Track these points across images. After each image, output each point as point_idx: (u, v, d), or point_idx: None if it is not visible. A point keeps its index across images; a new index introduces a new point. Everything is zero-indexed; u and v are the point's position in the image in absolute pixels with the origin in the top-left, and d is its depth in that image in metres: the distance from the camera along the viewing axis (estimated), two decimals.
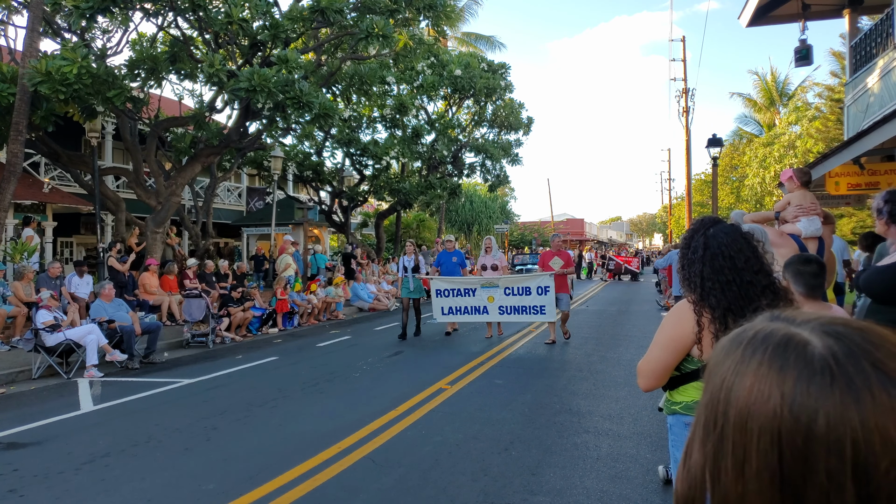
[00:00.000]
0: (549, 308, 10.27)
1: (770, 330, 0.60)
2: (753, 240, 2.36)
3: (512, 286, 10.52)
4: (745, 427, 0.56)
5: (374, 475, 4.55)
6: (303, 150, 22.35)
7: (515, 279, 10.67)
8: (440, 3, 15.23)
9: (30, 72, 10.78)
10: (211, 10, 12.52)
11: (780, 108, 30.49)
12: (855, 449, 0.50)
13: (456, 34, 33.25)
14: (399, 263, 12.09)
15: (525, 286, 10.43)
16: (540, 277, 10.36)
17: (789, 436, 0.53)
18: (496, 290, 10.61)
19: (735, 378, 0.59)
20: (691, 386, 2.33)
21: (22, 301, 10.43)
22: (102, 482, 4.51)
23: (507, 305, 10.54)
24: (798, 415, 0.53)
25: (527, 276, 10.85)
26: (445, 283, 11.02)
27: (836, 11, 13.10)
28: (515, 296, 10.49)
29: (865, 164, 9.82)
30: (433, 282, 11.16)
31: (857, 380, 0.53)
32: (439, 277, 11.24)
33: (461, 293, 10.87)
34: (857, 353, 0.55)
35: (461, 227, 40.18)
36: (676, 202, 43.46)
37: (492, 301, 10.62)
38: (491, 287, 10.66)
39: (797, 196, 4.60)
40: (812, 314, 0.61)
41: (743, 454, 0.55)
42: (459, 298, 10.87)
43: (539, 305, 10.30)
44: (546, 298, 10.26)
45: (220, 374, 8.59)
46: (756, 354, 0.58)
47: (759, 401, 0.56)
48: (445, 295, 10.99)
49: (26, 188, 15.97)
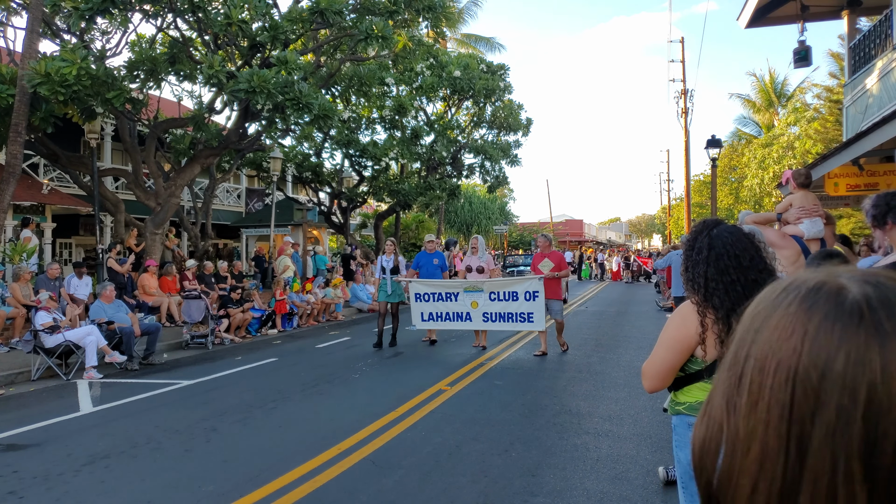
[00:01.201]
0: (537, 316, 9.47)
1: (807, 277, 0.60)
2: (756, 240, 2.38)
3: (498, 291, 9.66)
4: (763, 363, 0.56)
5: (374, 477, 4.55)
6: (302, 152, 22.34)
7: (501, 283, 9.89)
8: (439, 5, 15.24)
9: (29, 73, 10.78)
10: (210, 12, 12.52)
11: (779, 109, 30.52)
12: (870, 392, 0.50)
13: (455, 35, 33.26)
14: (377, 264, 11.08)
15: (512, 291, 9.58)
16: (528, 282, 9.56)
17: (805, 371, 0.53)
18: (480, 295, 9.76)
19: (763, 320, 0.59)
20: (695, 387, 2.33)
21: (20, 302, 10.42)
22: (102, 484, 4.50)
23: (493, 312, 9.72)
24: (818, 352, 0.53)
25: (514, 279, 10.13)
26: (426, 286, 10.14)
27: (835, 13, 13.13)
28: (501, 301, 9.63)
29: (864, 166, 9.83)
30: (412, 285, 10.25)
31: (888, 325, 0.52)
32: (419, 280, 10.38)
33: (442, 298, 9.98)
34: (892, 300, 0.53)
35: (460, 228, 40.17)
36: (675, 203, 43.49)
37: (475, 307, 9.78)
38: (475, 291, 9.80)
39: (799, 197, 4.62)
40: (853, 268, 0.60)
41: (758, 390, 0.55)
42: (441, 303, 9.99)
43: (527, 313, 9.48)
44: (535, 305, 9.42)
45: (220, 375, 8.58)
46: (788, 297, 0.58)
47: (782, 337, 0.56)
48: (425, 299, 10.10)
49: (25, 189, 15.96)
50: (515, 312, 9.56)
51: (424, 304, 10.13)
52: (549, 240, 9.94)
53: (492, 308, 9.70)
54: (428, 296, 10.07)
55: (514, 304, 9.55)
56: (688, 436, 2.35)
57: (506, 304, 9.60)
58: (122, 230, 15.64)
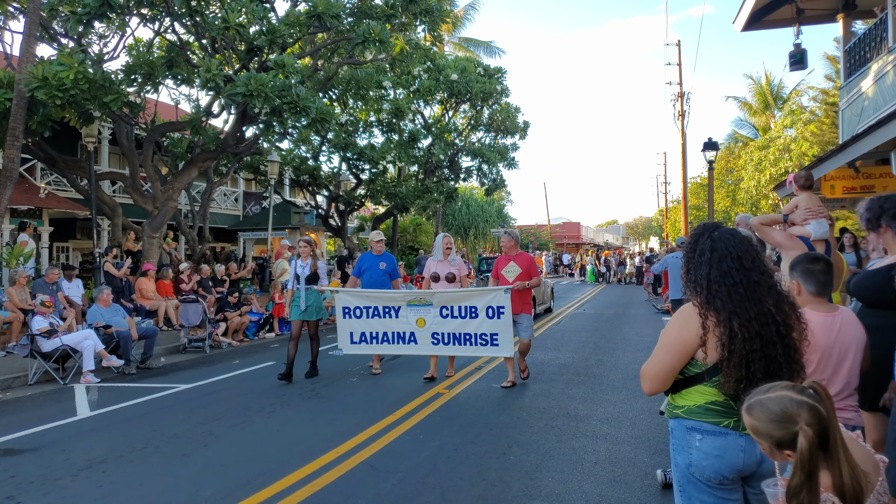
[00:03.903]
0: (503, 338, 7.30)
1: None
2: (754, 242, 2.40)
3: (451, 305, 7.50)
4: None
5: (372, 480, 4.55)
6: (299, 155, 22.36)
7: (456, 295, 7.58)
8: (437, 9, 15.28)
9: (26, 77, 10.78)
10: (208, 16, 12.53)
11: (776, 111, 30.61)
12: None
13: (453, 39, 33.34)
14: (290, 270, 8.66)
15: (470, 306, 7.42)
16: (492, 294, 7.38)
17: None
18: (428, 311, 7.59)
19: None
20: (694, 390, 2.34)
21: (17, 307, 10.40)
22: (100, 488, 4.49)
23: (445, 333, 7.54)
24: None
25: (472, 290, 7.80)
26: (356, 298, 7.99)
27: (830, 16, 13.19)
28: (456, 319, 7.49)
29: (860, 168, 9.87)
30: (339, 297, 8.08)
31: None
32: (346, 291, 8.29)
33: (379, 313, 7.83)
34: None
35: (458, 231, 40.22)
36: (672, 205, 43.56)
37: (422, 325, 7.63)
38: (421, 306, 7.63)
39: (804, 199, 4.67)
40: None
41: None
42: (376, 321, 7.85)
43: (490, 334, 7.34)
44: (499, 324, 7.29)
45: (217, 379, 8.57)
46: None
47: None
48: (356, 315, 7.92)
49: (22, 193, 15.95)
50: (474, 333, 7.44)
51: (355, 322, 7.96)
52: (514, 238, 7.81)
53: (443, 327, 7.56)
54: (360, 311, 7.92)
55: (472, 322, 7.43)
56: (685, 439, 2.36)
57: (462, 323, 7.49)
58: (119, 234, 15.63)
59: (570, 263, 42.98)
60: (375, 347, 7.98)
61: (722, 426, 2.28)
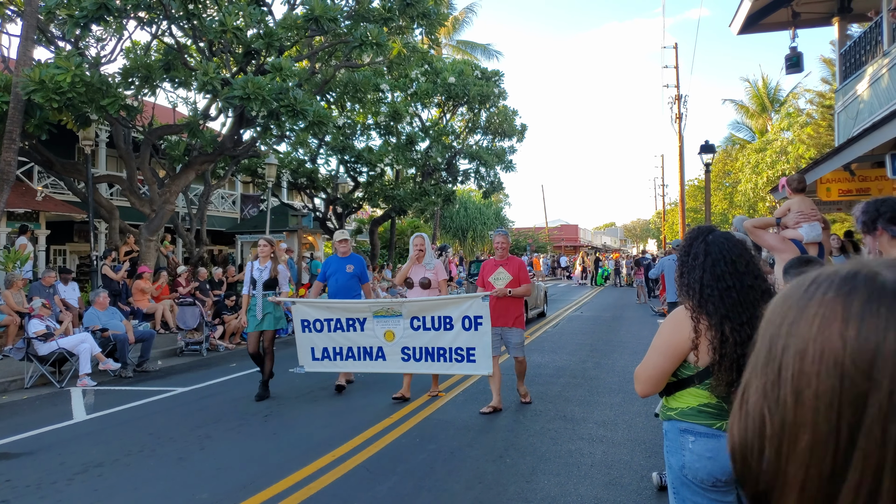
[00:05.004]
0: (481, 353, 6.47)
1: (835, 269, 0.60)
2: (748, 246, 2.41)
3: (423, 315, 6.69)
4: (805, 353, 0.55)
5: (368, 483, 4.55)
6: (297, 158, 22.36)
7: (429, 304, 6.73)
8: (434, 12, 15.31)
9: (23, 80, 10.78)
10: (205, 19, 12.54)
11: (772, 114, 30.70)
12: None
13: (451, 42, 33.38)
14: (246, 274, 7.69)
15: (444, 316, 6.60)
16: (468, 302, 6.58)
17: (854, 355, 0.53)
18: (398, 322, 6.76)
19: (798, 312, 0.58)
20: (687, 392, 2.35)
21: (13, 310, 10.38)
22: (95, 492, 4.49)
23: (416, 347, 6.71)
24: (867, 334, 0.53)
25: (446, 299, 6.88)
26: (315, 309, 7.13)
27: (826, 19, 13.24)
28: (429, 331, 6.67)
29: (856, 171, 9.90)
30: (296, 308, 7.20)
31: None
32: (306, 301, 7.49)
33: (342, 326, 6.97)
34: None
35: (456, 234, 40.24)
36: (670, 208, 43.64)
37: (391, 339, 6.78)
38: (389, 317, 6.79)
39: (797, 202, 4.68)
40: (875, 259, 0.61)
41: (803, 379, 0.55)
42: (339, 334, 7.00)
43: (466, 348, 6.52)
44: (477, 336, 6.46)
45: (214, 382, 8.56)
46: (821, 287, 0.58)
47: (823, 325, 0.55)
48: (317, 329, 7.05)
49: (19, 196, 15.92)
50: (449, 348, 6.62)
51: (316, 337, 7.08)
52: (507, 239, 6.89)
53: (414, 341, 6.73)
54: (320, 324, 7.04)
55: (446, 334, 6.61)
56: (678, 441, 2.37)
57: (435, 335, 6.65)
58: (116, 237, 15.60)
59: (567, 266, 42.99)
60: (340, 364, 7.13)
61: (714, 428, 2.29)
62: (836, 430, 0.52)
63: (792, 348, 0.57)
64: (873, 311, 0.54)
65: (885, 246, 3.31)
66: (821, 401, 0.53)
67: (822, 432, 0.53)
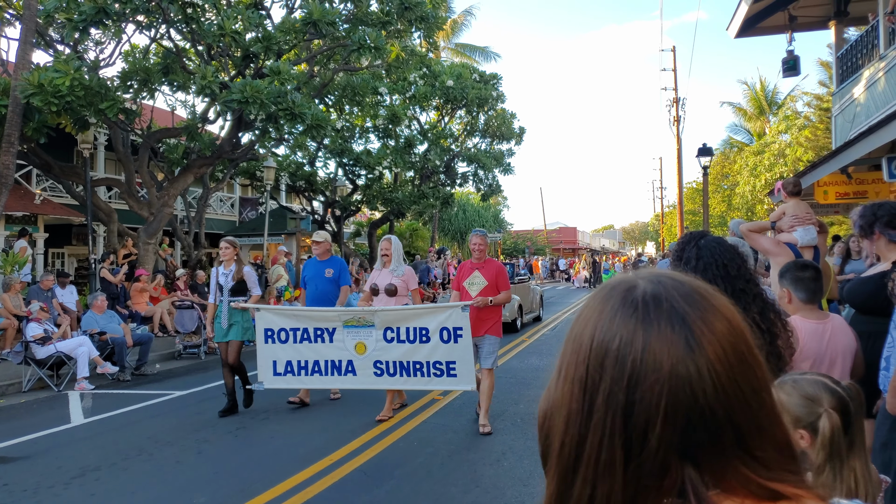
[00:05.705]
0: (462, 366, 5.93)
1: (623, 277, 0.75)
2: (740, 250, 2.42)
3: (397, 326, 6.08)
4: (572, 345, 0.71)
5: (366, 487, 4.55)
6: (295, 161, 22.39)
7: (404, 314, 6.15)
8: (432, 16, 15.35)
9: (22, 84, 10.79)
10: (204, 23, 12.55)
11: (770, 116, 30.76)
12: (633, 365, 0.65)
13: (450, 45, 33.43)
14: (211, 281, 7.09)
15: (420, 327, 6.03)
16: (446, 312, 6.00)
17: (596, 350, 0.67)
18: (370, 333, 6.14)
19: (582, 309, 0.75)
20: None
21: (11, 313, 10.37)
22: (93, 497, 4.49)
23: (390, 361, 6.10)
24: (604, 335, 0.68)
25: (423, 308, 6.39)
26: (280, 317, 6.53)
27: (823, 23, 13.28)
28: (403, 343, 6.08)
29: (853, 174, 9.92)
30: (259, 316, 6.52)
31: (652, 314, 0.67)
32: (270, 308, 6.96)
33: (308, 336, 6.33)
34: (662, 296, 0.68)
35: (454, 236, 40.24)
36: (668, 210, 43.66)
37: (362, 352, 6.17)
38: (361, 327, 6.17)
39: (792, 206, 4.69)
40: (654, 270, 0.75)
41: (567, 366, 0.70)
42: (306, 346, 6.34)
43: (446, 362, 5.97)
44: (457, 349, 5.92)
45: (212, 385, 8.55)
46: (600, 292, 0.74)
47: (585, 324, 0.71)
48: (281, 339, 6.41)
49: (17, 199, 15.91)
50: (426, 362, 6.02)
51: (279, 349, 6.42)
52: (485, 241, 6.28)
53: (388, 354, 6.11)
54: (285, 333, 6.40)
55: (423, 347, 6.02)
56: None
57: (411, 349, 6.07)
58: (115, 240, 15.60)
59: (566, 269, 43.01)
60: (304, 380, 6.43)
61: None
62: (581, 408, 0.67)
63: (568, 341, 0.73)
64: (612, 317, 0.68)
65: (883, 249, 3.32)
66: (575, 385, 0.68)
67: (574, 410, 0.67)
